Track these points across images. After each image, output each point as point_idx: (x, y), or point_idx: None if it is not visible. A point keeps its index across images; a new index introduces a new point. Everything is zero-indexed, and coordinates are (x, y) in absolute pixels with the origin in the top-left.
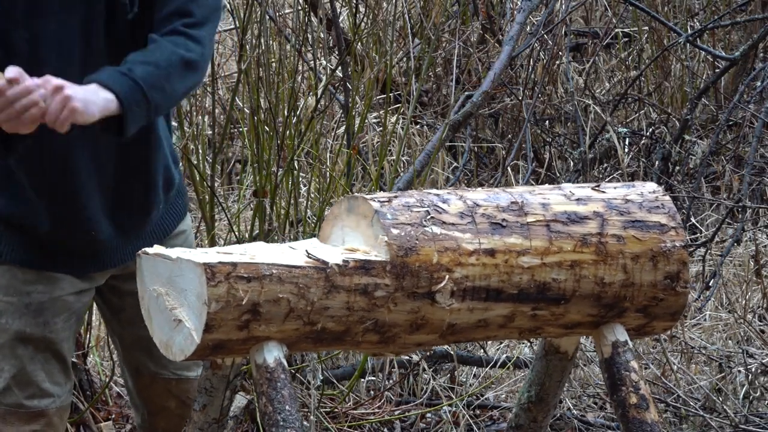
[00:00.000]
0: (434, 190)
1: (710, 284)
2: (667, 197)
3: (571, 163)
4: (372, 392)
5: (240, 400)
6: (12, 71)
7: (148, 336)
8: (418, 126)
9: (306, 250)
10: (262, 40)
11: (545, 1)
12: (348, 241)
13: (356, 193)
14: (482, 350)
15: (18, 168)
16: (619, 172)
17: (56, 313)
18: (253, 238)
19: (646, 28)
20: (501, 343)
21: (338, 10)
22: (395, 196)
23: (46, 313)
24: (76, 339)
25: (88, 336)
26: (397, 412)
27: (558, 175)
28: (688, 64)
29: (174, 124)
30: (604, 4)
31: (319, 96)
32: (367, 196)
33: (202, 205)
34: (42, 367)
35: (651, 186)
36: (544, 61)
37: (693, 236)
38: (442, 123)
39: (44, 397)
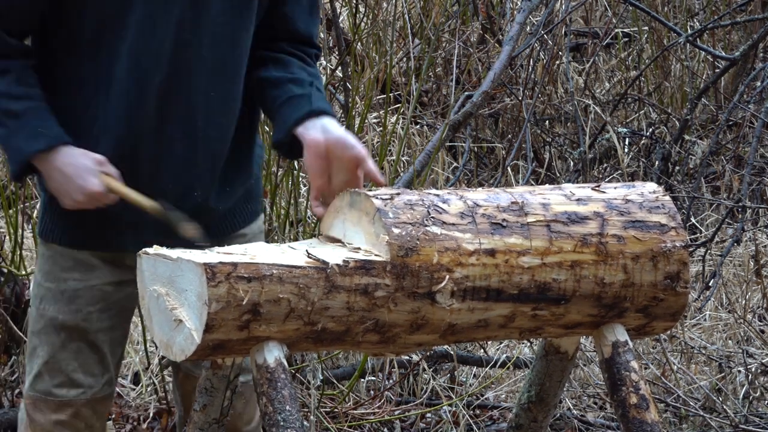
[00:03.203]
0: (434, 190)
1: (710, 284)
2: (668, 197)
3: (571, 163)
4: (372, 392)
5: None
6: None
7: None
8: (418, 126)
9: (306, 250)
10: None
11: (545, 1)
12: (349, 236)
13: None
14: (482, 350)
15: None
16: (619, 172)
17: (90, 302)
18: None
19: (646, 28)
20: (501, 343)
21: (338, 10)
22: (397, 193)
23: (78, 301)
24: (127, 333)
25: None
26: (397, 412)
27: (558, 175)
28: (688, 64)
29: None
30: (604, 4)
31: None
32: (370, 193)
33: None
34: (74, 356)
35: (651, 186)
36: (544, 61)
37: (693, 236)
38: (442, 123)
39: (73, 387)
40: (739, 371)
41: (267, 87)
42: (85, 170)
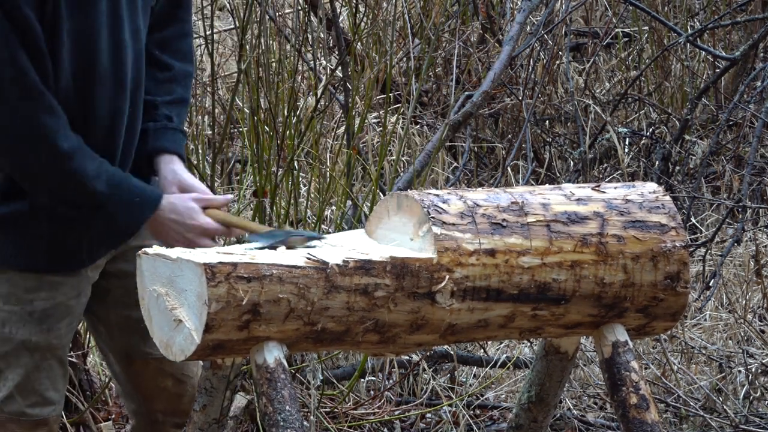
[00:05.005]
0: (434, 190)
1: (710, 284)
2: (668, 197)
3: (571, 163)
4: (372, 392)
5: (240, 400)
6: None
7: (138, 317)
8: (418, 126)
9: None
10: (262, 40)
11: (545, 1)
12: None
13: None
14: (482, 350)
15: None
16: (619, 172)
17: (60, 319)
18: None
19: (646, 28)
20: (501, 343)
21: (338, 10)
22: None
23: (50, 319)
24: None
25: (88, 336)
26: (397, 412)
27: (558, 175)
28: (688, 64)
29: None
30: (604, 4)
31: (319, 96)
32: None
33: None
34: (47, 375)
35: (651, 186)
36: (544, 61)
37: (693, 236)
38: (442, 123)
39: (46, 405)
40: (739, 371)
41: None
42: (193, 213)
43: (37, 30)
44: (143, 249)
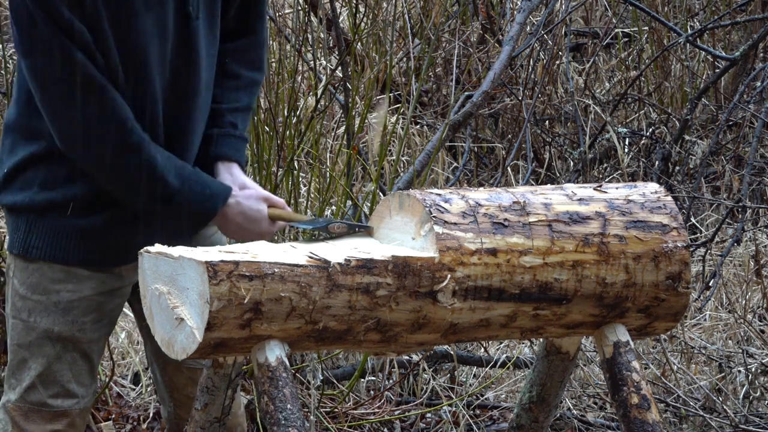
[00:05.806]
0: (436, 190)
1: (710, 284)
2: (669, 198)
3: (571, 163)
4: (372, 392)
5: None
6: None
7: None
8: (418, 126)
9: (309, 250)
10: None
11: (545, 1)
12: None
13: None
14: (483, 350)
15: None
16: (619, 172)
17: (85, 313)
18: None
19: (646, 28)
20: (501, 343)
21: (338, 10)
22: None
23: (74, 311)
24: (106, 342)
25: None
26: (397, 412)
27: (558, 175)
28: (688, 64)
29: None
30: (604, 4)
31: (319, 96)
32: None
33: None
34: (69, 367)
35: (653, 186)
36: (544, 61)
37: (693, 236)
38: (442, 123)
39: (68, 398)
40: (739, 371)
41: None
42: (260, 218)
43: (83, 30)
44: (145, 248)
